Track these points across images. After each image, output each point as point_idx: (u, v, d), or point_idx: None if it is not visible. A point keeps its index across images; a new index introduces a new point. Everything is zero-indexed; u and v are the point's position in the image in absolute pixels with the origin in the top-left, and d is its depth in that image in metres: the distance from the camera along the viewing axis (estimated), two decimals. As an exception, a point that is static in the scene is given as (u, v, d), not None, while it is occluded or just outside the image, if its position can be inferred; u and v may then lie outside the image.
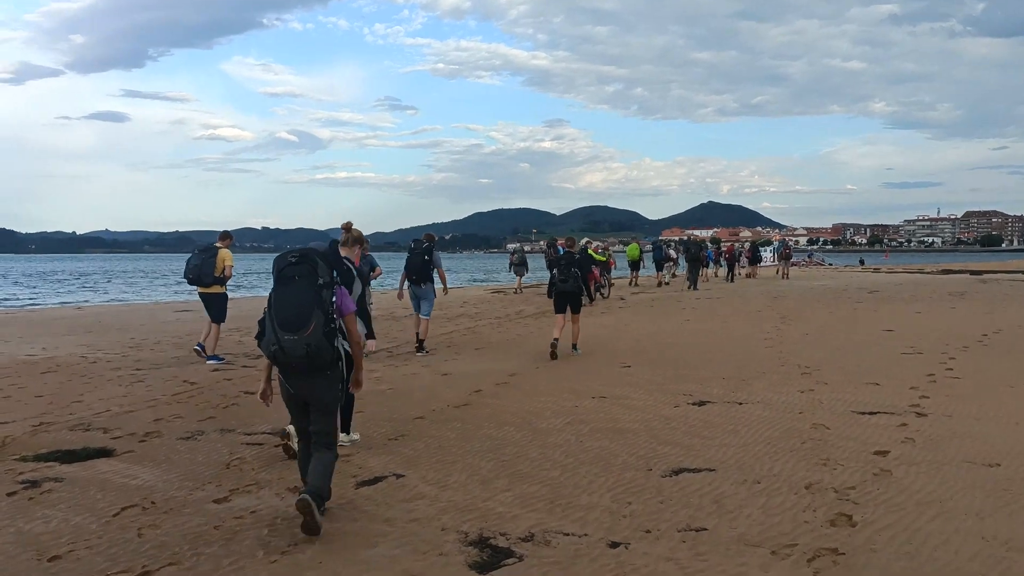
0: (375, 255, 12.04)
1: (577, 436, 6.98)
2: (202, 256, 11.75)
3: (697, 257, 29.83)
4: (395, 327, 16.67)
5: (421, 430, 7.30)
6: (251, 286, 46.03)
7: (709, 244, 41.02)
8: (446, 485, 5.57)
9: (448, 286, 13.78)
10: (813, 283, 33.25)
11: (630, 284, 32.12)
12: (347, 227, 6.77)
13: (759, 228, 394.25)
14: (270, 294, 4.73)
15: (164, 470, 5.97)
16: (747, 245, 44.59)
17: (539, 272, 32.96)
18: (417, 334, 12.82)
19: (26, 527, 4.64)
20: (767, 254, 50.86)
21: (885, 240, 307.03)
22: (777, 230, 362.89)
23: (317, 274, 4.68)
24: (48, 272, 78.79)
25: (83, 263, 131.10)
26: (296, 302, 4.58)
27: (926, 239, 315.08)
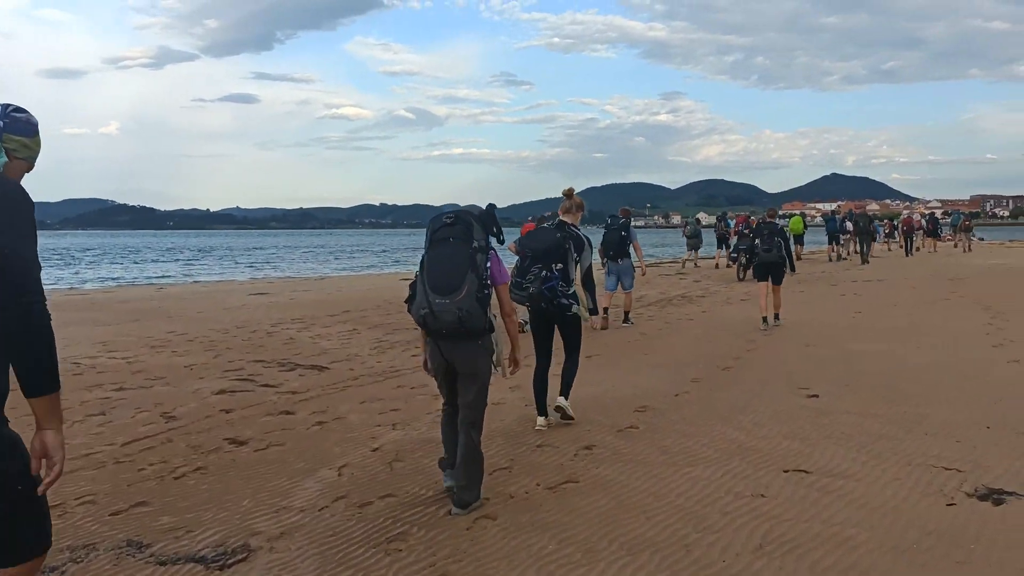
0: None
1: (791, 600, 3.43)
2: None
3: (867, 230, 28.79)
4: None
5: (464, 563, 3.89)
6: (354, 268, 44.15)
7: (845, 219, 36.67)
8: None
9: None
10: (988, 261, 28.08)
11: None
12: (568, 193, 6.83)
13: (887, 201, 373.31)
14: (423, 256, 4.49)
15: None
16: (916, 216, 41.93)
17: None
18: (606, 309, 12.29)
19: None
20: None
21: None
22: (907, 202, 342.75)
23: (472, 236, 4.44)
24: (179, 247, 79.62)
25: (212, 239, 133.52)
26: (449, 264, 4.36)
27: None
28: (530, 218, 14.13)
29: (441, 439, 4.90)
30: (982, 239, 55.92)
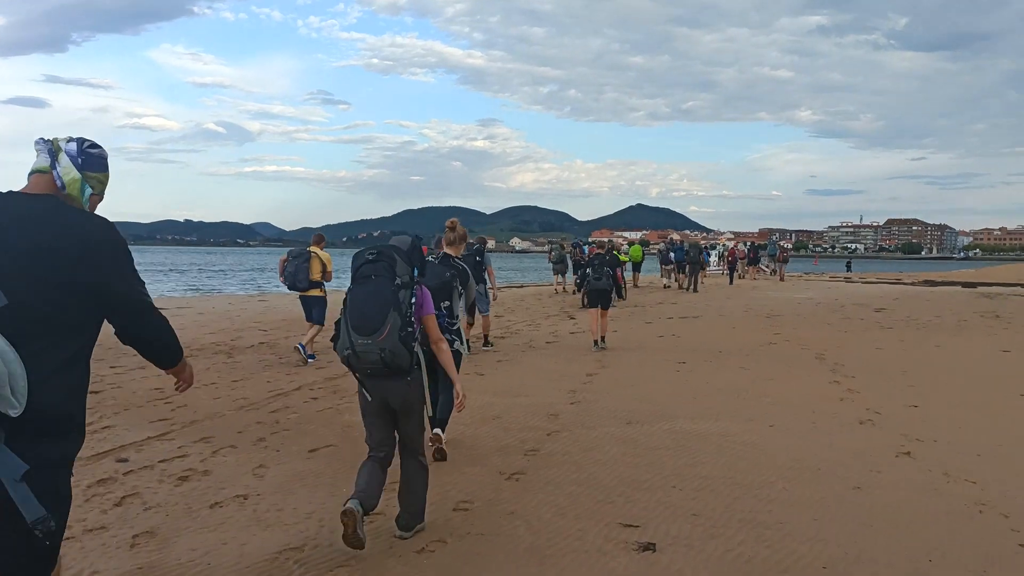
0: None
1: None
2: (296, 262, 11.49)
3: (697, 260, 29.05)
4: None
5: None
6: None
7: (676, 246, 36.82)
8: None
9: None
10: (795, 295, 27.25)
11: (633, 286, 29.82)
12: (452, 225, 6.99)
13: (687, 231, 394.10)
14: (346, 294, 4.36)
15: None
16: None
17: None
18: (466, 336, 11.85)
19: None
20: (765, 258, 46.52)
21: (810, 246, 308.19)
22: (705, 233, 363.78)
23: (395, 273, 4.29)
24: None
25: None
26: (371, 303, 4.19)
27: (849, 245, 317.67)
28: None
29: (356, 480, 4.35)
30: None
